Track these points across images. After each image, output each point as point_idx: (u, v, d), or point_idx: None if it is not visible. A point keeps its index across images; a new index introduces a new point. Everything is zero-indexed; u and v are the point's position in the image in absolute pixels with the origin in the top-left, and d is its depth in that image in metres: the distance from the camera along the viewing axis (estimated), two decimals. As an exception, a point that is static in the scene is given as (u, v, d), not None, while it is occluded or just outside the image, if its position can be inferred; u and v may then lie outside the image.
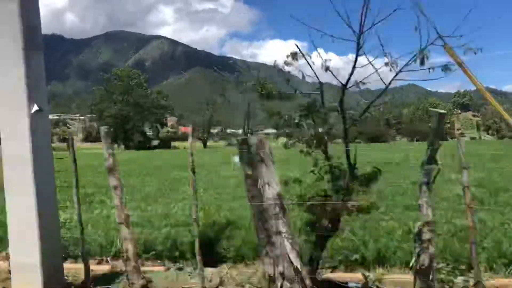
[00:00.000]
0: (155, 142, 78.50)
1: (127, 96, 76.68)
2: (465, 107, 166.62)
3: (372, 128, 70.48)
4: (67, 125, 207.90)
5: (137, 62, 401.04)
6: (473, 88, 3.86)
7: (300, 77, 3.73)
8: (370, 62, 3.51)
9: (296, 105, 4.05)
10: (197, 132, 77.02)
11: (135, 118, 77.07)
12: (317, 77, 3.68)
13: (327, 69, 3.59)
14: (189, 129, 4.42)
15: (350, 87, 3.59)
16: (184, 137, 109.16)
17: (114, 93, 77.64)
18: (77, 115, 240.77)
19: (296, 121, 3.76)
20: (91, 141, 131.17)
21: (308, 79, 3.69)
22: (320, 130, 3.73)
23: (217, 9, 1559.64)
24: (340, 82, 3.61)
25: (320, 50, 3.52)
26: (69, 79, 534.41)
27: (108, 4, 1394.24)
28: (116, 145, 78.38)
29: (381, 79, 3.51)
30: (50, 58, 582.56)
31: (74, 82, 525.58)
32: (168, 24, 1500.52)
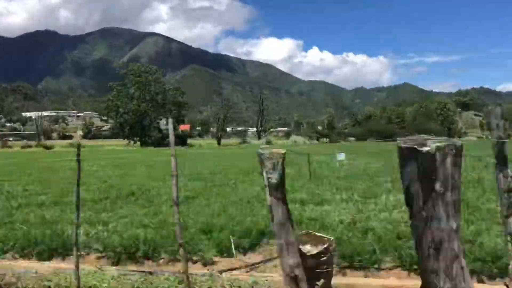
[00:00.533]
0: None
1: (144, 92, 75.77)
2: (466, 106, 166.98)
3: None
4: (66, 121, 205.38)
5: (132, 59, 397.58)
6: (471, 87, 3.50)
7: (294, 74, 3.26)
8: None
9: None
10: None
11: (152, 115, 76.15)
12: None
13: None
14: None
15: None
16: (196, 135, 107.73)
17: (130, 89, 76.69)
18: (75, 111, 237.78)
19: None
20: (90, 138, 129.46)
21: (302, 77, 3.25)
22: None
23: (212, 6, 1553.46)
24: None
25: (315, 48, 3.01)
26: (63, 75, 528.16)
27: (102, 0, 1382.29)
28: (132, 142, 77.06)
29: None
30: (44, 54, 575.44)
31: (69, 78, 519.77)
32: (163, 21, 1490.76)
